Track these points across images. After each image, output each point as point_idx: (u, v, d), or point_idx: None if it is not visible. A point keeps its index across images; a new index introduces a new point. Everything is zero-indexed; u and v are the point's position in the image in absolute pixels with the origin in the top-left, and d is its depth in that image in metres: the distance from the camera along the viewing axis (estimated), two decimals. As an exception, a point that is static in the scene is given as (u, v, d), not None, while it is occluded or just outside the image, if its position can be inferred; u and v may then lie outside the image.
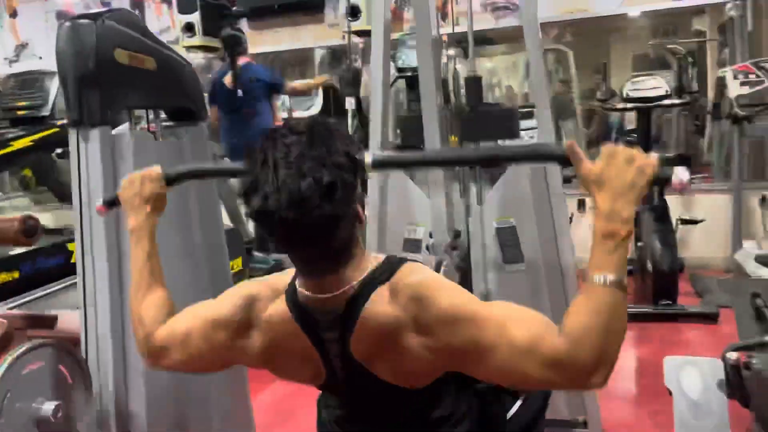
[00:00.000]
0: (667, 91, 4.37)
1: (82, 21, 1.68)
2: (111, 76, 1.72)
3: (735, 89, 4.22)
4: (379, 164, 1.19)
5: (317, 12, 5.35)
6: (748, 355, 2.22)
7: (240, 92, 4.28)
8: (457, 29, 4.84)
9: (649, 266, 3.85)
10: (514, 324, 1.03)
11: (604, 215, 1.01)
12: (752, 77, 4.24)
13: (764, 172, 4.87)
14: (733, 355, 2.19)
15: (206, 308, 1.23)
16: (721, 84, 4.58)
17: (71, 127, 1.70)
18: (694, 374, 2.34)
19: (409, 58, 4.53)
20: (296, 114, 5.23)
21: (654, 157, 1.01)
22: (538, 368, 1.00)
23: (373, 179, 2.35)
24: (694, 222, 4.14)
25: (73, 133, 1.70)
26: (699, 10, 5.47)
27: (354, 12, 5.06)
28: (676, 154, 4.85)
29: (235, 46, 4.34)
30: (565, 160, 1.07)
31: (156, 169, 1.34)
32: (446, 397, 1.22)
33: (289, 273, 1.19)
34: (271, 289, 1.18)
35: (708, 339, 3.47)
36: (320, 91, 5.13)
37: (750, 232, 4.45)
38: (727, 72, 4.35)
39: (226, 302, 1.20)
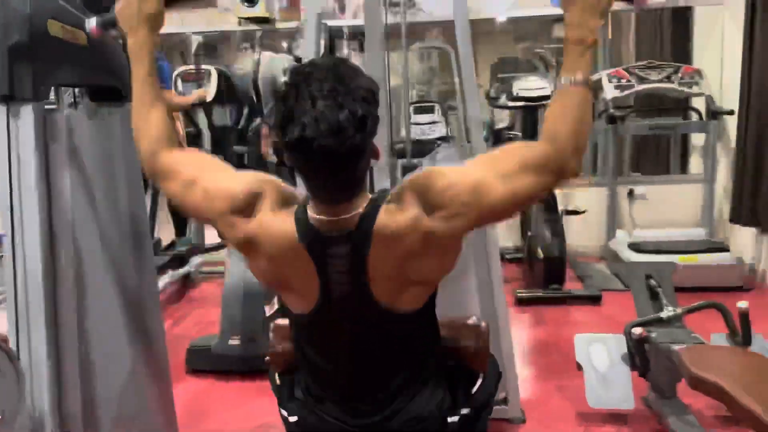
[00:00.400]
0: (552, 92, 4.70)
1: (13, -11, 1.52)
2: (44, 48, 1.57)
3: (610, 92, 4.62)
4: None
5: (210, -5, 5.16)
6: (648, 330, 2.48)
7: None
8: (357, 22, 4.92)
9: (539, 253, 4.12)
10: (500, 158, 1.23)
11: (575, 24, 1.22)
12: (624, 81, 4.66)
13: (640, 167, 5.38)
14: (637, 330, 2.43)
15: (216, 172, 1.30)
16: (595, 86, 5.00)
17: (-1, 102, 1.54)
18: (601, 350, 2.57)
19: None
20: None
21: None
22: (530, 180, 1.19)
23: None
24: (577, 213, 4.48)
25: (1, 109, 1.54)
26: (560, 18, 5.87)
27: (249, -2, 4.95)
28: None
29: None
30: None
31: None
32: (427, 330, 1.35)
33: (298, 192, 1.28)
34: (279, 195, 1.25)
35: (594, 318, 3.79)
36: (213, 78, 4.95)
37: (621, 222, 4.90)
38: (602, 76, 4.75)
39: (239, 180, 1.27)
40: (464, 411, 1.42)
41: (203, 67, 4.82)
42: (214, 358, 3.06)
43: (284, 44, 5.72)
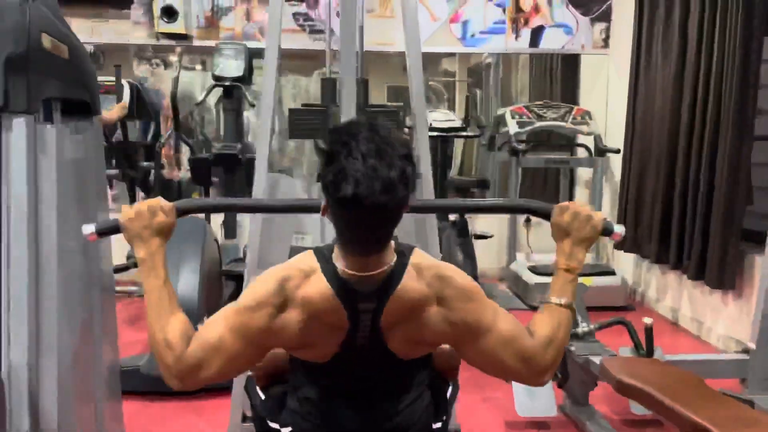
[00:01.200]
0: (462, 124, 5.04)
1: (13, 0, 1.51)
2: (37, 61, 1.57)
3: (513, 127, 5.02)
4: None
5: (124, 7, 5.02)
6: (570, 344, 2.75)
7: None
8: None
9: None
10: (502, 316, 1.34)
11: (566, 255, 1.40)
12: (525, 118, 5.09)
13: (532, 196, 5.82)
14: (560, 344, 2.69)
15: (234, 305, 1.28)
16: (498, 121, 5.40)
17: (-9, 113, 1.51)
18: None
19: (226, 67, 4.50)
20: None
21: (601, 216, 1.42)
22: (514, 359, 1.32)
23: (259, 185, 2.41)
24: (485, 237, 4.80)
25: (-7, 119, 1.51)
26: (449, 53, 6.26)
27: (169, 13, 4.89)
28: (479, 178, 5.57)
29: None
30: (546, 215, 1.45)
31: (163, 201, 1.39)
32: (418, 374, 1.44)
33: (309, 255, 1.32)
34: (300, 270, 1.28)
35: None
36: (127, 91, 4.82)
37: (519, 247, 5.29)
38: (506, 112, 5.15)
39: (259, 288, 1.28)
40: (443, 417, 1.57)
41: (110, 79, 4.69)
42: (144, 379, 2.98)
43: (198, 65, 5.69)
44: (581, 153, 5.42)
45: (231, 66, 4.48)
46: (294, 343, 1.31)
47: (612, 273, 4.75)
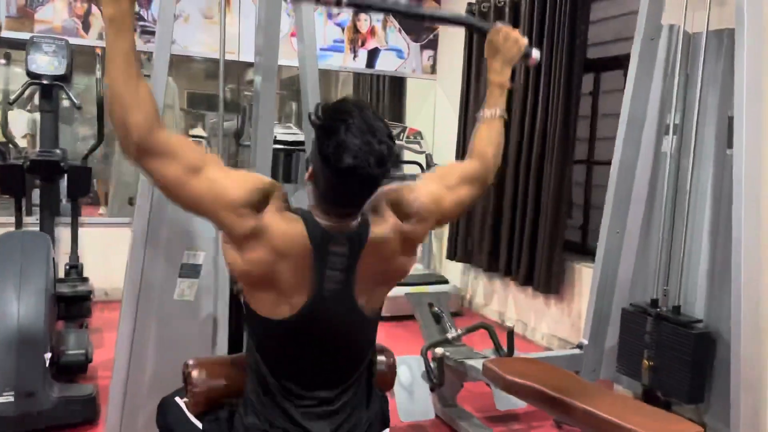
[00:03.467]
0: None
1: None
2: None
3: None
4: None
5: None
6: (444, 349, 2.95)
7: None
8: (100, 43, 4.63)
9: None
10: (444, 173, 1.61)
11: (497, 72, 1.70)
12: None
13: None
14: (439, 351, 2.88)
15: (219, 165, 1.34)
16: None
17: None
18: (405, 370, 2.94)
19: (45, 63, 4.06)
20: None
21: (525, 41, 1.71)
22: (467, 190, 1.59)
23: (145, 197, 2.24)
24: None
25: None
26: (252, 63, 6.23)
27: None
28: None
29: None
30: (483, 32, 1.71)
31: None
32: (374, 338, 1.56)
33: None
34: (283, 196, 1.38)
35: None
36: None
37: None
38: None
39: (251, 178, 1.36)
40: (389, 425, 1.63)
41: None
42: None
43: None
44: (409, 169, 5.75)
45: (50, 63, 4.03)
46: (240, 238, 1.32)
47: (446, 281, 5.11)
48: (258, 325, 1.42)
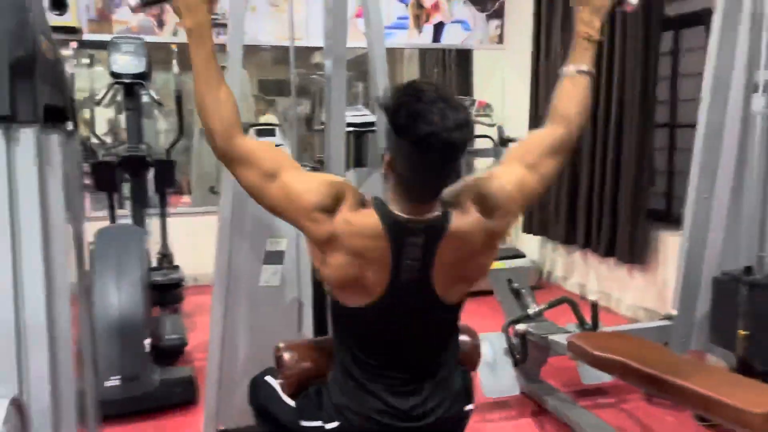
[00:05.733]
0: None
1: (12, -2, 1.35)
2: (39, 66, 1.41)
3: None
4: None
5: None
6: (527, 325, 2.92)
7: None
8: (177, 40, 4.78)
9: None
10: (524, 151, 1.50)
11: (585, 23, 1.54)
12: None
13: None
14: (522, 327, 2.86)
15: (295, 169, 1.37)
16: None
17: (-6, 124, 1.34)
18: (487, 346, 2.94)
19: (126, 63, 4.23)
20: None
21: None
22: (551, 162, 1.48)
23: (227, 189, 2.32)
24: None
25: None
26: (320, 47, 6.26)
27: (59, 4, 4.47)
28: None
29: None
30: None
31: None
32: (457, 326, 1.55)
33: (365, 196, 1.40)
34: (358, 195, 1.37)
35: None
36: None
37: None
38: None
39: (323, 181, 1.37)
40: (473, 401, 1.64)
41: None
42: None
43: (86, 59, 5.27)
44: (480, 143, 5.68)
45: (130, 63, 4.20)
46: (319, 243, 1.34)
47: (523, 255, 5.05)
48: (340, 313, 1.46)
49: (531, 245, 5.36)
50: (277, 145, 2.34)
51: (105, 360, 2.83)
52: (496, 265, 4.86)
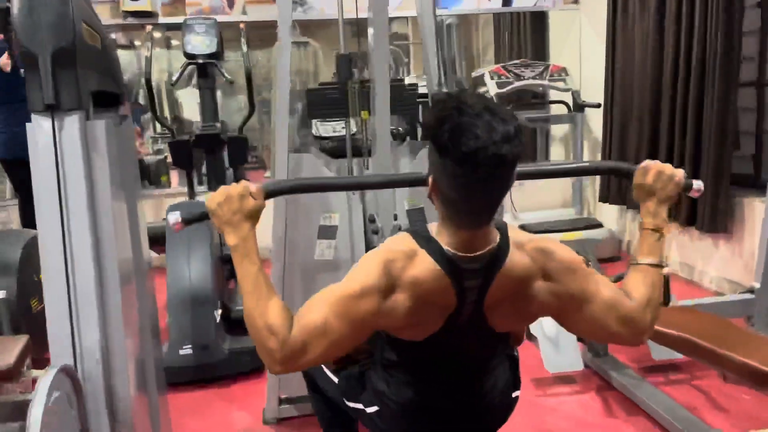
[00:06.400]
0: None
1: (54, -11, 1.42)
2: (82, 55, 1.49)
3: (492, 88, 5.03)
4: None
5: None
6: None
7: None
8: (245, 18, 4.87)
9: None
10: (603, 283, 1.36)
11: (652, 215, 1.44)
12: (504, 78, 5.10)
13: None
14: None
15: (339, 289, 1.27)
16: (477, 82, 5.40)
17: (41, 113, 1.43)
18: (550, 320, 2.87)
19: (198, 44, 4.35)
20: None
21: (682, 173, 1.45)
22: (615, 323, 1.35)
23: (281, 165, 2.36)
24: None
25: (43, 120, 1.43)
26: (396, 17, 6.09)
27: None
28: None
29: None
30: (629, 175, 1.47)
31: (251, 185, 1.35)
32: (502, 344, 1.49)
33: (406, 237, 1.31)
34: (402, 252, 1.28)
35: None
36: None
37: (504, 207, 5.35)
38: (485, 73, 5.15)
39: (363, 274, 1.26)
40: (519, 386, 1.61)
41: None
42: (166, 371, 2.94)
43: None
44: (556, 109, 5.48)
45: (203, 43, 4.32)
46: (401, 323, 1.30)
47: (600, 225, 4.87)
48: (390, 341, 1.42)
49: (610, 214, 5.16)
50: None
51: (178, 329, 3.00)
52: (570, 235, 4.73)
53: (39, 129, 1.44)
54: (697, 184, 1.48)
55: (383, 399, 1.48)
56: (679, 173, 1.44)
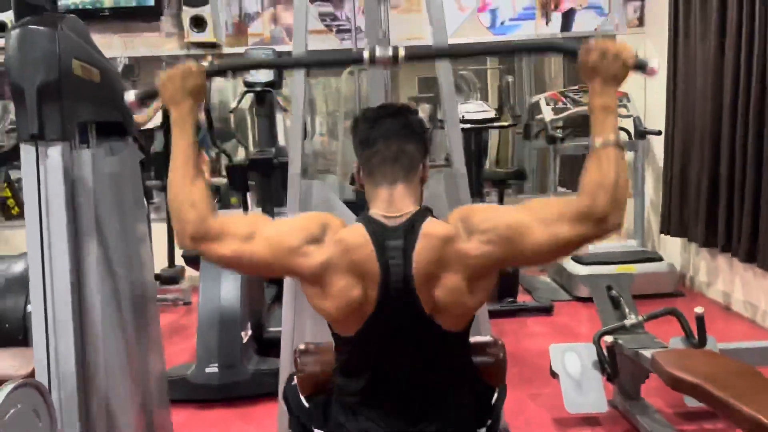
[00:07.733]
0: (495, 114, 4.96)
1: (42, 28, 1.54)
2: (69, 88, 1.59)
3: (548, 114, 4.92)
4: None
5: (153, 20, 5.10)
6: (615, 337, 2.69)
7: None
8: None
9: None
10: (534, 203, 1.37)
11: (598, 93, 1.35)
12: (560, 104, 4.98)
13: (571, 184, 5.71)
14: (609, 339, 2.63)
15: (269, 221, 1.39)
16: (532, 109, 5.30)
17: (27, 142, 1.54)
18: (574, 358, 2.75)
19: (257, 72, 4.52)
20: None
21: (631, 50, 1.36)
22: (569, 228, 1.30)
23: (294, 189, 2.42)
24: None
25: (29, 148, 1.54)
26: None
27: (198, 22, 4.94)
28: (515, 169, 5.48)
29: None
30: (573, 53, 1.39)
31: (194, 65, 1.44)
32: (459, 359, 1.47)
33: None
34: (342, 222, 1.39)
35: (549, 328, 4.02)
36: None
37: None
38: (541, 99, 5.05)
39: (302, 217, 1.42)
40: (488, 422, 1.54)
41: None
42: (191, 388, 3.03)
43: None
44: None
45: (261, 72, 4.49)
46: (317, 276, 1.33)
47: (659, 259, 4.62)
48: (337, 342, 1.47)
49: (673, 248, 4.89)
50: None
51: (205, 348, 3.10)
52: (624, 268, 4.52)
53: (24, 157, 1.55)
54: (653, 62, 1.40)
55: (341, 430, 1.47)
56: (628, 52, 1.35)
